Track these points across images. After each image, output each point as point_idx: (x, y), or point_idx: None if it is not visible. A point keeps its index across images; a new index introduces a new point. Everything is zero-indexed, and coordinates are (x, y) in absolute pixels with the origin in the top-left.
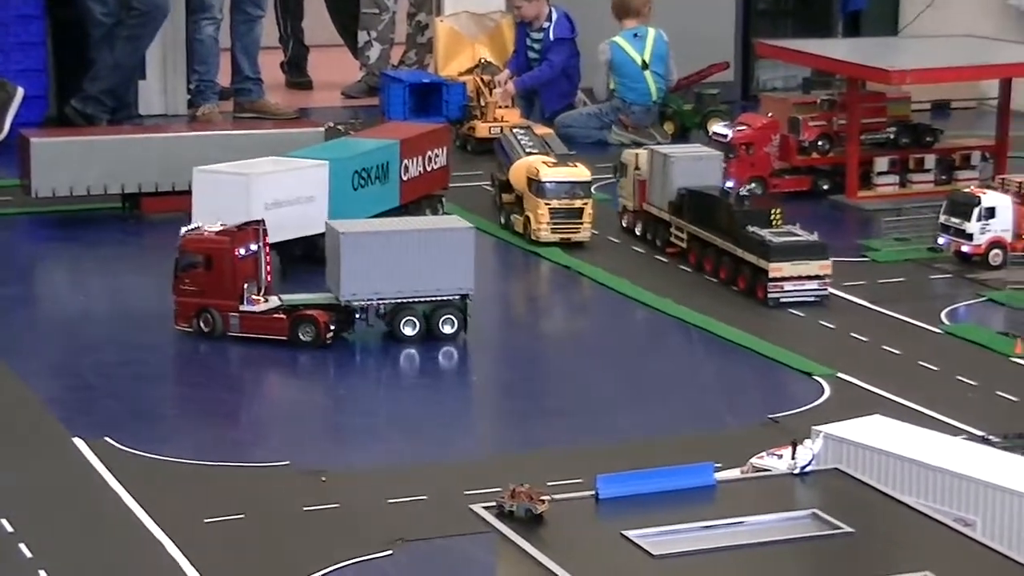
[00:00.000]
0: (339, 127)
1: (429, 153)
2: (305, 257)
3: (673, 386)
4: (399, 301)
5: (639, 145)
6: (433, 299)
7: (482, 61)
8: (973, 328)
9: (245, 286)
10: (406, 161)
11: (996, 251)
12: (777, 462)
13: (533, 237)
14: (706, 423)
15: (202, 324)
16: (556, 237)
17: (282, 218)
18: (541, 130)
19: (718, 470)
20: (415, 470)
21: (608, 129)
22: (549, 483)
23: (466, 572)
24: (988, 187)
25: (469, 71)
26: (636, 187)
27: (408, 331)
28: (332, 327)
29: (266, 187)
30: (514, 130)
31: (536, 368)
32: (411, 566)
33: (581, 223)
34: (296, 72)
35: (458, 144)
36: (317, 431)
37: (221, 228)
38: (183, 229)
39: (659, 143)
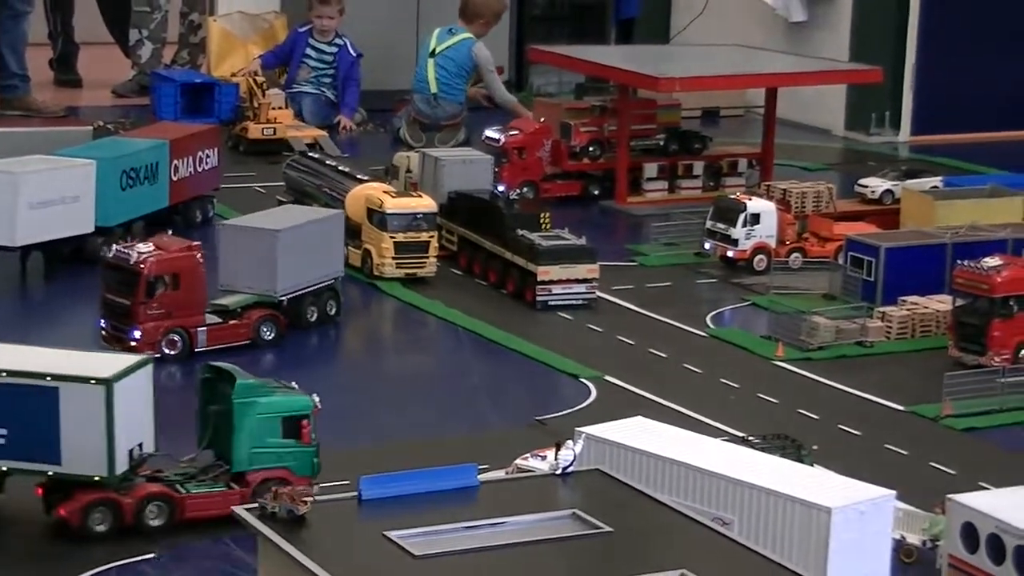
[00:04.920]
0: (108, 126)
1: (200, 154)
2: (73, 258)
3: (440, 387)
4: (302, 291)
5: (406, 145)
6: (320, 285)
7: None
8: (737, 332)
9: None
10: (176, 161)
11: (760, 256)
12: (541, 463)
13: (376, 272)
14: (472, 424)
15: (166, 347)
16: (401, 273)
17: (48, 218)
18: (314, 132)
19: (483, 471)
20: None
21: None
22: (313, 484)
23: (229, 573)
24: (753, 193)
25: (242, 72)
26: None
27: (312, 318)
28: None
29: (32, 186)
30: (309, 155)
31: (301, 368)
32: (173, 568)
33: (427, 257)
34: (65, 69)
35: (230, 145)
36: None
37: (154, 246)
38: (115, 253)
39: (411, 145)
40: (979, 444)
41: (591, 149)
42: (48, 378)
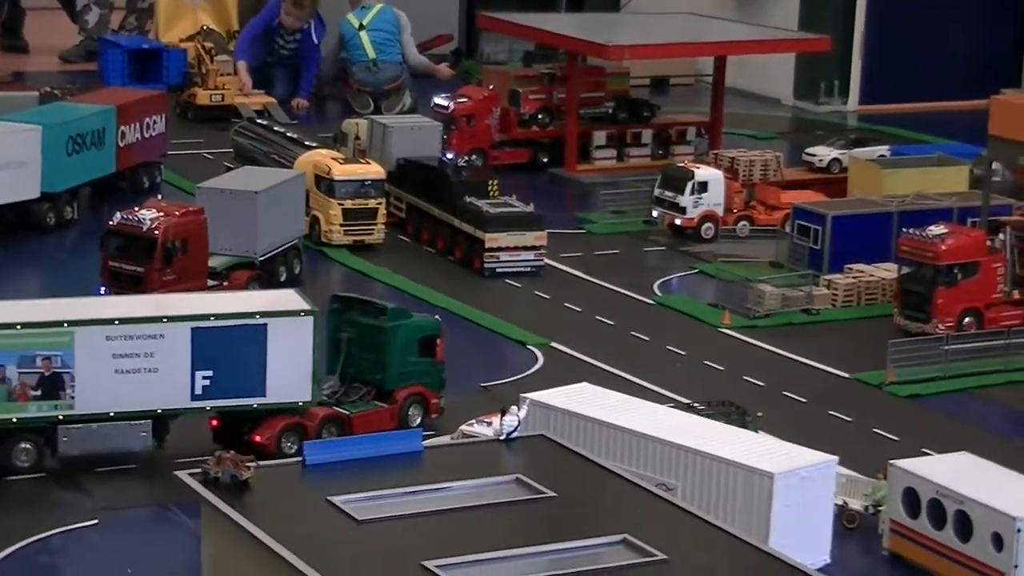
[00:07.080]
0: (55, 92)
1: (147, 119)
2: (19, 223)
3: None
4: (275, 251)
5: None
6: (287, 245)
7: (204, 28)
8: (684, 299)
9: None
10: (123, 127)
11: (708, 224)
12: (486, 429)
13: (324, 239)
14: None
15: None
16: (349, 239)
17: None
18: (262, 99)
19: (428, 437)
20: None
21: None
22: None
23: (172, 539)
24: (702, 162)
25: (190, 38)
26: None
27: (283, 277)
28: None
29: None
30: (258, 121)
31: None
32: (117, 534)
33: (375, 224)
34: (11, 35)
35: (178, 111)
36: None
37: (157, 210)
38: (121, 219)
39: (360, 112)
40: (922, 411)
41: (540, 117)
42: (257, 315)
